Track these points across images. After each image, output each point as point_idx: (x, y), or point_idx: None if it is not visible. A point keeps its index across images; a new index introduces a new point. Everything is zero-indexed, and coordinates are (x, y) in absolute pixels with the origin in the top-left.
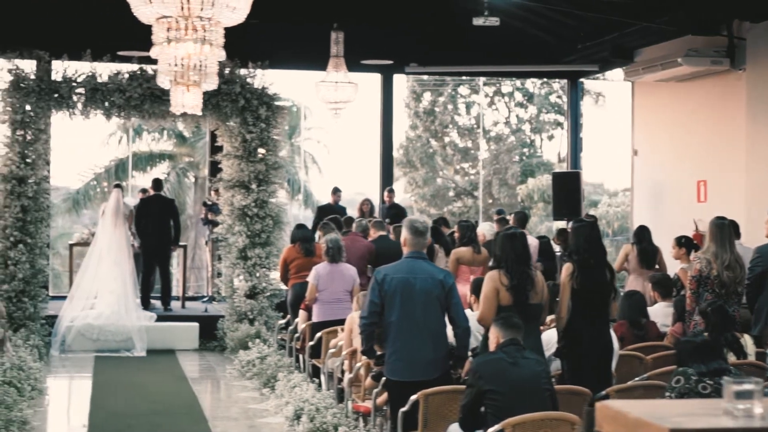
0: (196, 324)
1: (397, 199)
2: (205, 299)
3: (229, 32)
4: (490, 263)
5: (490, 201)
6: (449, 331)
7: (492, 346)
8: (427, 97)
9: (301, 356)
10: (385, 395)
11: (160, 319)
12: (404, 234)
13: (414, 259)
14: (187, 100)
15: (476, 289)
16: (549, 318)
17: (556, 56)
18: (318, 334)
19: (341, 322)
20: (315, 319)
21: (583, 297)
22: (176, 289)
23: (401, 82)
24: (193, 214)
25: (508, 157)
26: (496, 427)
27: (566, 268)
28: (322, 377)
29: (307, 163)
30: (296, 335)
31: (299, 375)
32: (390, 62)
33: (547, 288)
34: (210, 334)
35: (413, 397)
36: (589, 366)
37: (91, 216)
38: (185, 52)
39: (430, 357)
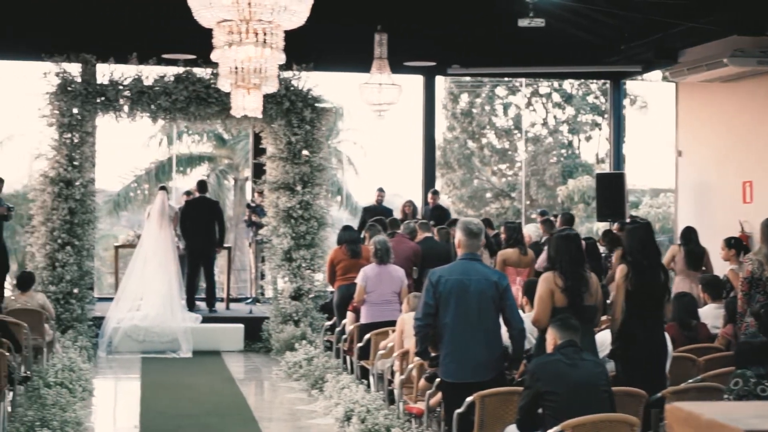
0: (241, 325)
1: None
2: (248, 301)
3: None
4: (537, 264)
5: (528, 202)
6: (503, 332)
7: (549, 348)
8: (465, 98)
9: (348, 357)
10: (438, 396)
11: (205, 320)
12: (458, 235)
13: (468, 261)
14: (247, 103)
15: (528, 290)
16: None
17: (598, 57)
18: (367, 336)
19: (389, 323)
20: (363, 320)
21: (637, 298)
22: (220, 291)
23: (439, 84)
24: (233, 215)
25: (546, 158)
26: (556, 428)
27: (620, 270)
28: (371, 378)
29: (344, 164)
30: (344, 337)
31: (347, 376)
32: (432, 64)
33: (601, 289)
34: (255, 335)
35: (469, 399)
36: (643, 367)
37: (128, 218)
38: (246, 56)
39: (485, 358)
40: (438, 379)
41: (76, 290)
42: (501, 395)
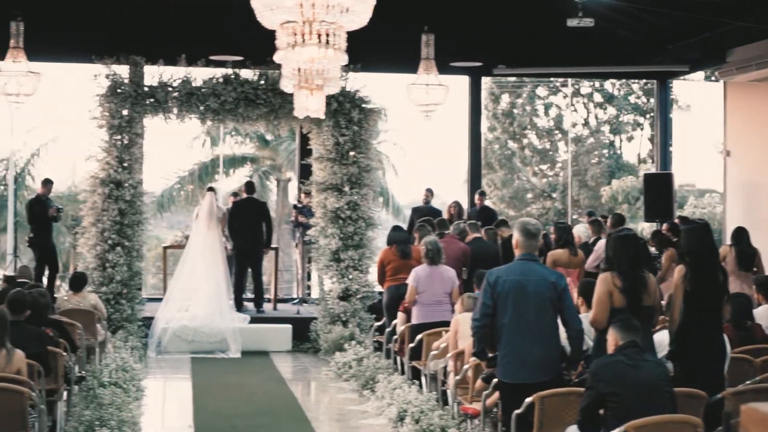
0: (289, 326)
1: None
2: (295, 301)
3: None
4: (587, 265)
5: (569, 203)
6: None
7: (610, 349)
8: (506, 98)
9: (399, 358)
10: (494, 397)
11: (252, 321)
12: (516, 236)
13: (526, 261)
14: (310, 104)
15: (584, 291)
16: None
17: (644, 57)
18: (418, 336)
19: (441, 324)
20: (414, 321)
21: (695, 299)
22: (267, 292)
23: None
24: (276, 216)
25: (588, 158)
26: (619, 429)
27: (678, 270)
28: (423, 379)
29: (384, 165)
30: (394, 337)
31: (398, 377)
32: (478, 64)
33: (659, 290)
34: (303, 335)
35: (528, 400)
36: (702, 368)
37: (168, 219)
38: (309, 57)
39: (543, 359)
40: (495, 380)
41: (125, 290)
42: (560, 396)
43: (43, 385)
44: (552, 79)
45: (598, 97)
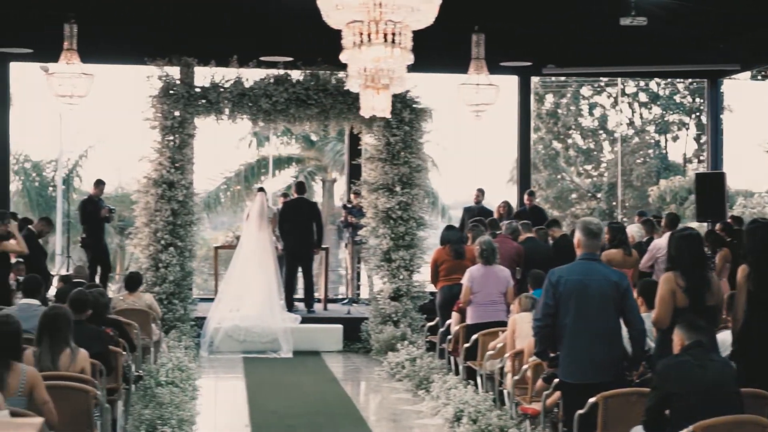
0: (340, 326)
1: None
2: (345, 301)
3: None
4: (641, 265)
5: (614, 203)
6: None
7: (676, 349)
8: (550, 98)
9: (453, 358)
10: (555, 397)
11: (303, 321)
12: (578, 235)
13: (588, 261)
14: (377, 104)
15: (643, 291)
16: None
17: (695, 55)
18: (474, 336)
19: (496, 324)
20: (469, 321)
21: (758, 298)
22: (317, 292)
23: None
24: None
25: (633, 158)
26: (687, 430)
27: (742, 270)
28: (479, 379)
29: (429, 165)
30: (448, 337)
31: (453, 377)
32: (528, 64)
33: (722, 290)
34: (353, 335)
35: (592, 400)
36: (764, 368)
37: (212, 220)
38: (375, 56)
39: (605, 359)
40: (556, 380)
41: (178, 290)
42: (623, 396)
43: (104, 384)
44: (600, 78)
45: (643, 97)
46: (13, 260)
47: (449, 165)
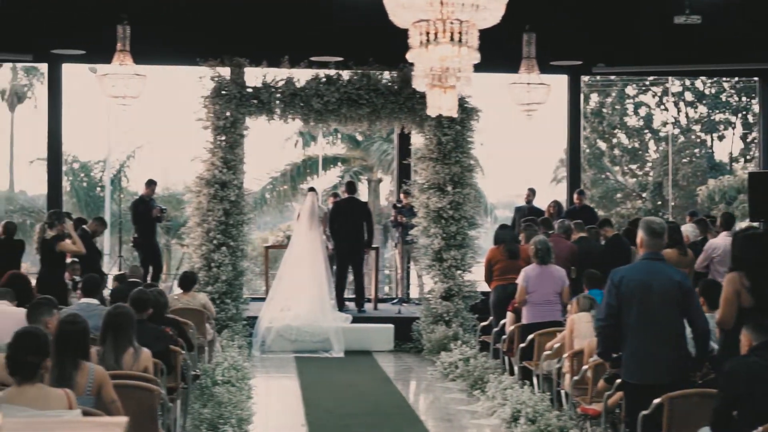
0: (391, 325)
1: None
2: (395, 301)
3: None
4: (696, 265)
5: (659, 203)
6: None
7: (743, 350)
8: (594, 98)
9: (507, 358)
10: (616, 397)
11: (354, 320)
12: (641, 235)
13: (651, 261)
14: (444, 102)
15: (705, 291)
16: None
17: (748, 53)
18: (530, 336)
19: (551, 324)
20: (525, 321)
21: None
22: (368, 291)
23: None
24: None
25: (679, 157)
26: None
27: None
28: (534, 379)
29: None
30: (503, 337)
31: (508, 377)
32: (578, 63)
33: None
34: (404, 335)
35: (656, 401)
36: None
37: (256, 220)
38: (442, 55)
39: (669, 360)
40: (618, 380)
41: (230, 290)
42: (688, 397)
43: (165, 383)
44: (646, 77)
45: (689, 96)
46: (69, 260)
47: (492, 164)
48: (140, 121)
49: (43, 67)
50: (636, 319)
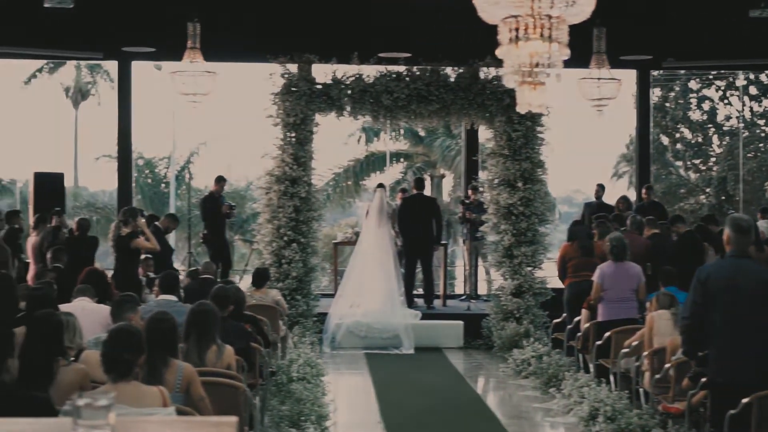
0: (461, 322)
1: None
2: (462, 297)
3: (490, 33)
4: None
5: (723, 198)
6: None
7: None
8: (657, 92)
9: (582, 356)
10: (700, 395)
11: (423, 317)
12: (727, 232)
13: (738, 258)
14: (533, 99)
15: None
16: None
17: None
18: (606, 334)
19: (627, 321)
20: (600, 318)
21: None
22: (436, 288)
23: (631, 78)
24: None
25: (743, 152)
26: None
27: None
28: (611, 377)
29: None
30: (577, 334)
31: (584, 375)
32: (648, 57)
33: None
34: (474, 332)
35: (744, 400)
36: None
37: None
38: (532, 51)
39: (756, 359)
40: (703, 379)
41: (301, 286)
42: None
43: (246, 380)
44: (710, 71)
45: (753, 89)
46: (142, 256)
47: (551, 160)
48: (204, 118)
49: (111, 64)
50: (722, 318)
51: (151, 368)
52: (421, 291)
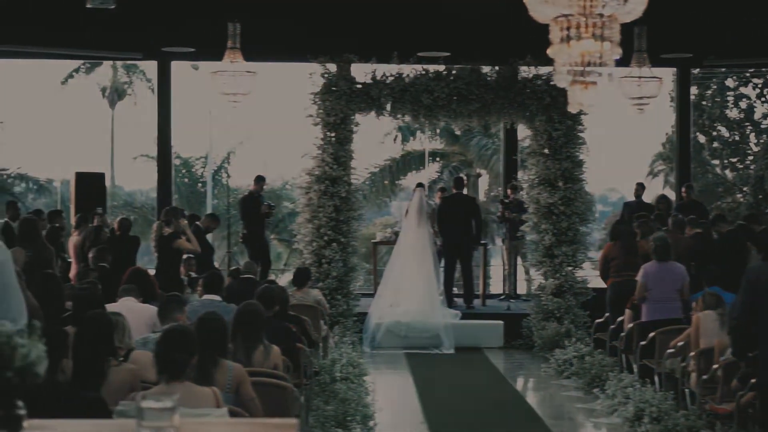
0: (501, 322)
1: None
2: (501, 297)
3: (530, 31)
4: None
5: (761, 196)
6: None
7: None
8: (693, 90)
9: (625, 356)
10: (749, 396)
11: (463, 317)
12: None
13: None
14: (584, 99)
15: None
16: None
17: None
18: (651, 334)
19: (671, 321)
20: (644, 318)
21: None
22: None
23: (667, 75)
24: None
25: None
26: None
27: None
28: (656, 378)
29: None
30: (621, 334)
31: (628, 375)
32: (689, 56)
33: None
34: (514, 332)
35: None
36: None
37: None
38: (583, 51)
39: None
40: (752, 380)
41: (341, 286)
42: None
43: (291, 380)
44: (747, 70)
45: None
46: (183, 256)
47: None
48: (241, 117)
49: (148, 64)
50: None
51: (202, 369)
52: (459, 291)
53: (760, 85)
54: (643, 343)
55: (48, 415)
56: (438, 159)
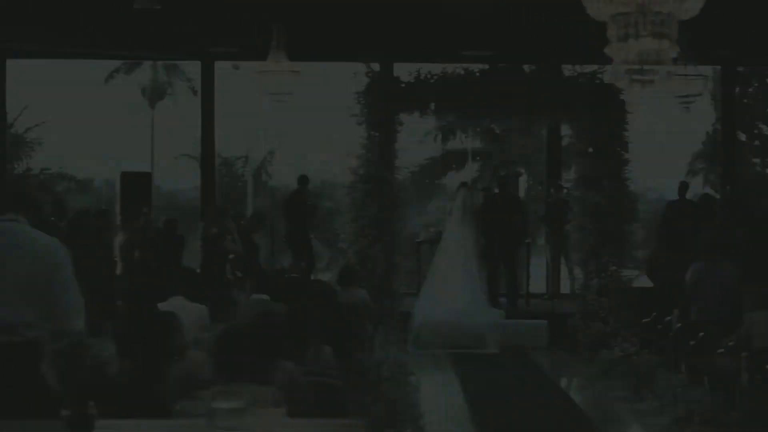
0: (545, 321)
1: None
2: (545, 297)
3: (573, 30)
4: None
5: None
6: None
7: None
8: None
9: (674, 356)
10: None
11: (507, 316)
12: None
13: None
14: (641, 97)
15: None
16: None
17: None
18: (700, 334)
19: (721, 321)
20: (693, 317)
21: None
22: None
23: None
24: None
25: None
26: None
27: None
28: (706, 378)
29: None
30: (669, 334)
31: (677, 375)
32: (732, 53)
33: None
34: (558, 331)
35: None
36: None
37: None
38: (641, 49)
39: None
40: None
41: (385, 285)
42: None
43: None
44: None
45: None
46: (229, 255)
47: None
48: (281, 116)
49: (189, 64)
50: None
51: (259, 368)
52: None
53: None
54: (692, 343)
55: (111, 415)
56: (479, 158)
